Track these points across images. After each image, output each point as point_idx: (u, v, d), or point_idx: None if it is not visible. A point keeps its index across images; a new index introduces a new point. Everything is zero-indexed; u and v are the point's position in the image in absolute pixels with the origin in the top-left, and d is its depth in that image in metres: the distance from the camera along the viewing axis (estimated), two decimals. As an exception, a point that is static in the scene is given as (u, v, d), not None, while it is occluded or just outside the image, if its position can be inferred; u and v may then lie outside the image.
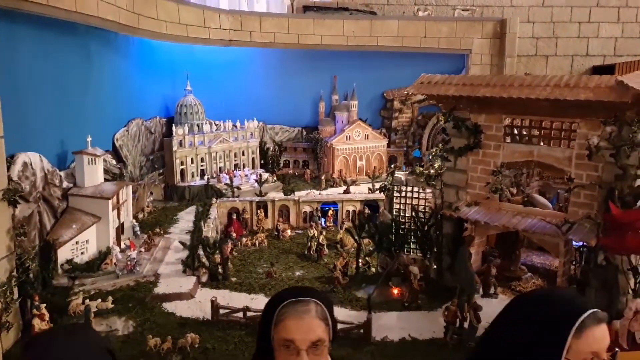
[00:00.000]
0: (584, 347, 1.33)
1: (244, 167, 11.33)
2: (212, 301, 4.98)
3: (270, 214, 9.34)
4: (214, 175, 10.51)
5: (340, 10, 12.41)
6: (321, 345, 1.43)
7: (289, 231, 8.90)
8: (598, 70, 13.89)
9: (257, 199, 9.33)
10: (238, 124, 11.42)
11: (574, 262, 4.92)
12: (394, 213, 6.18)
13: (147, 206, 8.97)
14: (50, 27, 6.08)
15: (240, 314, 4.93)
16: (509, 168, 5.36)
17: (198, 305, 5.40)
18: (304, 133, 13.04)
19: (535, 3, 13.82)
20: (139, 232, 7.06)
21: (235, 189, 9.66)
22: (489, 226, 5.29)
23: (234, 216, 8.85)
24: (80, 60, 7.13)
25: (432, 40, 12.12)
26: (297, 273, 6.93)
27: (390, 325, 4.87)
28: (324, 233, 7.78)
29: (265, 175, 10.97)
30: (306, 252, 7.66)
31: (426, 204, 6.09)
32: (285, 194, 9.61)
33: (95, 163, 6.37)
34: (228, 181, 10.08)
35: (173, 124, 10.56)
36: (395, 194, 6.15)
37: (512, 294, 5.64)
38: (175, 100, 11.19)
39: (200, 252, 6.04)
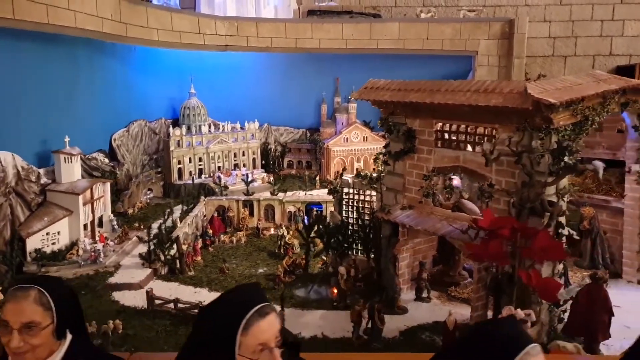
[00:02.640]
0: (252, 340, 1.54)
1: (243, 167, 11.74)
2: (147, 292, 5.36)
3: (256, 212, 9.67)
4: (211, 175, 10.98)
5: (344, 14, 12.54)
6: (35, 327, 1.70)
7: (272, 230, 9.18)
8: (622, 70, 13.23)
9: (243, 197, 9.68)
10: (238, 125, 11.85)
11: (491, 269, 4.86)
12: (343, 214, 6.32)
13: (140, 202, 9.54)
14: (34, 38, 6.69)
15: (172, 305, 5.27)
16: (439, 173, 5.37)
17: (144, 295, 5.78)
18: (308, 134, 13.31)
19: (552, 2, 13.34)
20: (116, 226, 7.58)
21: (224, 188, 10.04)
22: (418, 230, 5.33)
23: (216, 214, 9.21)
24: (68, 67, 7.75)
25: (435, 42, 12.00)
26: (260, 270, 7.18)
27: (308, 323, 5.03)
28: (291, 232, 7.99)
29: (262, 175, 11.33)
30: (276, 251, 7.91)
31: (371, 206, 6.18)
32: (271, 194, 9.91)
33: (71, 161, 6.94)
34: (224, 181, 10.52)
35: (174, 126, 11.15)
36: (344, 196, 6.29)
37: (447, 299, 5.65)
38: (182, 103, 11.78)
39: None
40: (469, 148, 5.03)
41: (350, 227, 6.30)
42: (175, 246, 6.58)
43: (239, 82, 12.63)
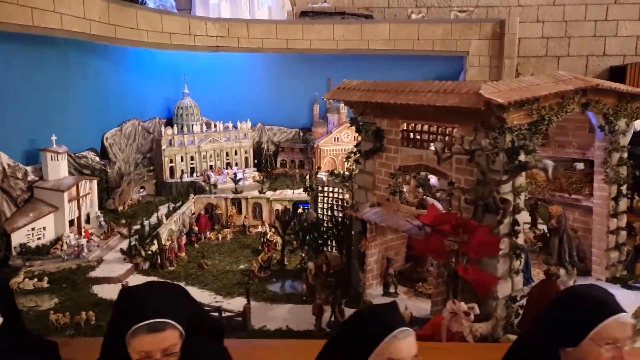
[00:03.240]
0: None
1: (235, 166, 11.93)
2: (122, 285, 5.55)
3: (244, 210, 9.86)
4: (202, 173, 11.19)
5: (336, 15, 12.68)
6: None
7: (260, 227, 9.36)
8: (615, 70, 13.27)
9: (232, 196, 9.87)
10: (230, 125, 12.05)
11: (451, 264, 4.98)
12: (319, 212, 6.47)
13: (132, 199, 9.76)
14: (24, 40, 6.91)
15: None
16: (405, 171, 5.50)
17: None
18: (301, 134, 13.48)
19: (545, 2, 13.38)
20: (103, 223, 7.79)
21: (213, 187, 10.23)
22: (383, 227, 5.47)
23: (202, 212, 9.40)
24: (58, 68, 7.97)
25: (425, 42, 12.10)
26: (241, 266, 7.33)
27: (275, 316, 5.19)
28: (272, 230, 8.16)
29: (253, 174, 11.51)
30: (259, 247, 8.08)
31: (345, 204, 6.32)
32: (259, 192, 10.08)
33: (58, 159, 7.17)
34: (214, 179, 10.73)
35: (164, 126, 11.40)
36: (319, 194, 6.44)
37: (414, 295, 5.78)
38: (176, 103, 12.01)
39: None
40: (432, 147, 5.15)
41: (325, 224, 6.44)
42: (156, 242, 6.75)
43: (234, 83, 12.82)
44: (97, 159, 9.06)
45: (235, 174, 10.40)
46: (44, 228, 6.80)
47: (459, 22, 12.17)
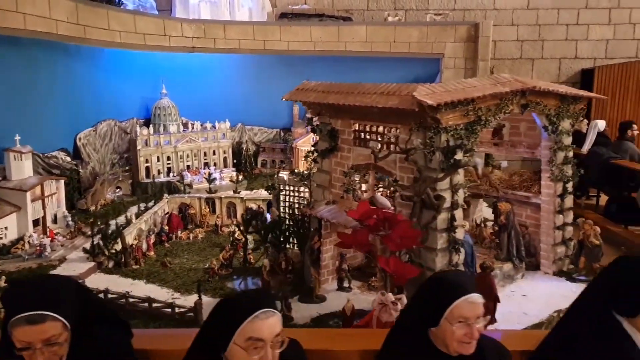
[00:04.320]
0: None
1: (214, 165, 12.08)
2: (78, 283, 5.69)
3: (218, 210, 10.01)
4: (179, 173, 11.34)
5: (315, 17, 12.88)
6: None
7: (234, 227, 9.50)
8: (587, 73, 13.57)
9: (205, 195, 10.02)
10: (209, 125, 12.21)
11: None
12: (281, 210, 6.65)
13: (105, 199, 9.89)
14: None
15: (102, 295, 5.60)
16: (357, 170, 5.68)
17: (83, 285, 6.11)
18: (282, 134, 13.66)
19: (519, 6, 13.66)
20: (70, 222, 7.92)
21: (187, 186, 10.38)
22: (335, 224, 5.64)
23: (175, 211, 9.55)
24: (25, 68, 8.10)
25: (402, 45, 12.33)
26: (206, 265, 7.47)
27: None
28: (241, 228, 8.30)
29: (231, 174, 11.65)
30: (229, 246, 8.22)
31: (305, 202, 6.51)
32: (234, 192, 10.24)
33: (21, 159, 7.30)
34: (189, 179, 10.88)
35: (147, 126, 11.52)
36: (281, 193, 6.62)
37: (367, 289, 5.96)
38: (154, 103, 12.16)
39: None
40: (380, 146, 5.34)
41: (286, 222, 6.62)
42: (119, 241, 6.90)
43: (214, 83, 12.99)
44: (69, 159, 9.19)
45: (209, 173, 10.54)
46: (6, 228, 6.93)
47: (434, 24, 12.41)
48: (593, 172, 9.89)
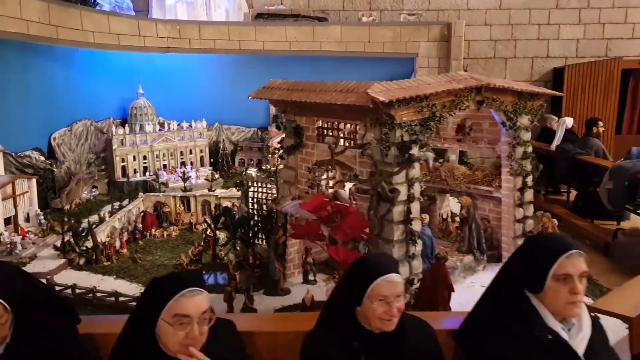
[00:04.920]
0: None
1: (190, 165, 12.17)
2: (47, 279, 5.77)
3: (193, 208, 10.09)
4: (155, 172, 11.40)
5: (291, 17, 13.02)
6: None
7: (204, 224, 9.58)
8: (557, 72, 13.89)
9: (180, 194, 10.11)
10: (185, 124, 12.29)
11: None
12: (249, 206, 6.77)
13: (80, 198, 9.92)
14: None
15: (70, 290, 5.69)
16: (320, 166, 5.82)
17: (51, 282, 6.19)
18: (259, 133, 13.78)
19: (492, 6, 13.95)
20: (42, 221, 7.96)
21: (162, 185, 10.45)
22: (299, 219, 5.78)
23: (150, 210, 9.62)
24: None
25: (376, 45, 12.54)
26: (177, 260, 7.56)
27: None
28: (211, 225, 8.41)
29: (207, 173, 11.75)
30: (202, 243, 8.32)
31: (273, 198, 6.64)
32: (209, 190, 10.34)
33: (-9, 159, 7.34)
34: (164, 178, 10.95)
35: (124, 125, 11.57)
36: (250, 189, 6.75)
37: (332, 281, 6.10)
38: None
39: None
40: (341, 143, 5.50)
41: (255, 218, 6.74)
42: (90, 238, 6.97)
43: (192, 83, 13.08)
44: (42, 158, 9.22)
45: (184, 172, 10.63)
46: (-24, 226, 6.97)
47: (407, 24, 12.64)
48: (560, 168, 10.19)
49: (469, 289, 5.77)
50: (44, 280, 6.27)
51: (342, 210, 3.90)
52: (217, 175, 11.69)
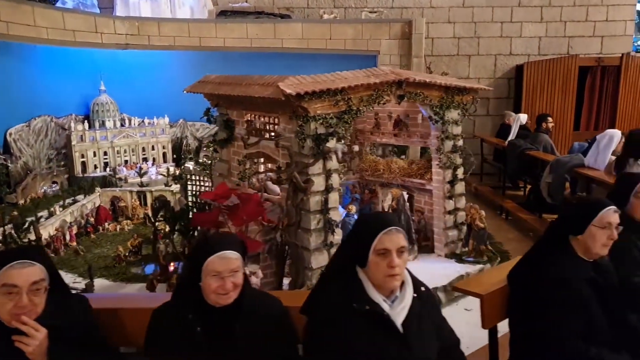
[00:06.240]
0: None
1: (153, 160, 12.26)
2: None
3: (149, 203, 10.20)
4: (112, 168, 11.48)
5: (254, 14, 13.13)
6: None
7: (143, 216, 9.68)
8: (519, 68, 14.13)
9: (136, 189, 10.21)
10: (147, 121, 12.37)
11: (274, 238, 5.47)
12: (188, 199, 6.90)
13: (36, 194, 9.98)
14: None
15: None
16: (249, 158, 5.97)
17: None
18: (224, 130, 13.86)
19: (455, 4, 14.16)
20: (-9, 215, 8.01)
21: (119, 180, 10.55)
22: (230, 210, 5.92)
23: (105, 204, 9.72)
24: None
25: (337, 42, 12.68)
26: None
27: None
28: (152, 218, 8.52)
29: (169, 169, 11.84)
30: (151, 237, 8.44)
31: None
32: (165, 185, 10.44)
33: (-61, 153, 7.39)
34: (124, 174, 11.04)
35: (79, 122, 11.64)
36: (188, 182, 6.88)
37: (261, 272, 6.25)
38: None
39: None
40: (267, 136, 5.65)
41: (193, 211, 6.86)
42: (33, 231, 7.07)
43: (157, 80, 13.11)
44: (-3, 153, 9.28)
45: (140, 167, 10.72)
46: None
47: (369, 22, 12.80)
48: (511, 164, 10.43)
49: (394, 278, 5.94)
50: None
51: (242, 198, 4.04)
52: (178, 171, 11.77)
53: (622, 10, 14.29)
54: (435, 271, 6.19)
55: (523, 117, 11.04)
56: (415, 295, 2.48)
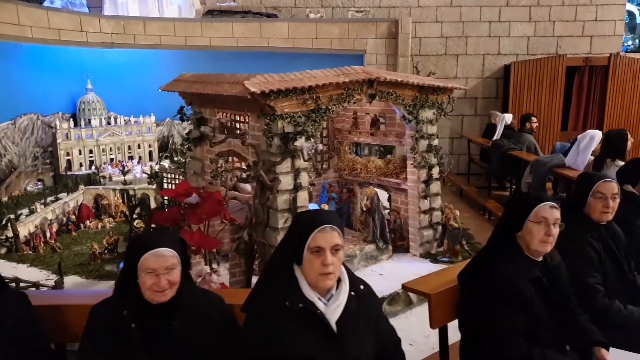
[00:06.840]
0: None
1: (139, 159, 12.28)
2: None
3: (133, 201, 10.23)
4: (96, 166, 11.50)
5: (241, 13, 13.13)
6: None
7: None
8: (507, 68, 14.14)
9: (119, 187, 10.23)
10: (133, 119, 12.38)
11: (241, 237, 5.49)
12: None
13: (20, 191, 10.00)
14: None
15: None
16: (221, 157, 5.98)
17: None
18: (212, 129, 13.89)
19: (443, 3, 14.15)
20: (-28, 212, 8.05)
21: (102, 178, 10.56)
22: (202, 208, 5.93)
23: (88, 202, 9.73)
24: None
25: (324, 41, 12.68)
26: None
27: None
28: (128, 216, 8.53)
29: (155, 168, 11.86)
30: (131, 234, 8.46)
31: (186, 190, 6.79)
32: (148, 184, 10.46)
33: None
34: (109, 172, 11.06)
35: (66, 120, 11.65)
36: (164, 180, 6.90)
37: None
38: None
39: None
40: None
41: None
42: (10, 227, 7.08)
43: (144, 78, 13.05)
44: (-20, 151, 9.28)
45: (123, 166, 10.74)
46: None
47: (355, 21, 12.81)
48: (495, 163, 10.46)
49: (366, 277, 5.87)
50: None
51: (203, 197, 4.06)
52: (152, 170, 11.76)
53: (611, 10, 14.30)
54: (409, 271, 6.20)
55: (508, 117, 11.06)
56: (352, 293, 2.48)
